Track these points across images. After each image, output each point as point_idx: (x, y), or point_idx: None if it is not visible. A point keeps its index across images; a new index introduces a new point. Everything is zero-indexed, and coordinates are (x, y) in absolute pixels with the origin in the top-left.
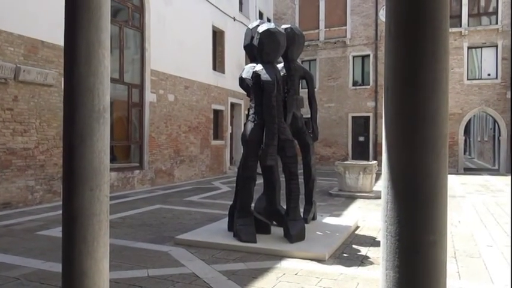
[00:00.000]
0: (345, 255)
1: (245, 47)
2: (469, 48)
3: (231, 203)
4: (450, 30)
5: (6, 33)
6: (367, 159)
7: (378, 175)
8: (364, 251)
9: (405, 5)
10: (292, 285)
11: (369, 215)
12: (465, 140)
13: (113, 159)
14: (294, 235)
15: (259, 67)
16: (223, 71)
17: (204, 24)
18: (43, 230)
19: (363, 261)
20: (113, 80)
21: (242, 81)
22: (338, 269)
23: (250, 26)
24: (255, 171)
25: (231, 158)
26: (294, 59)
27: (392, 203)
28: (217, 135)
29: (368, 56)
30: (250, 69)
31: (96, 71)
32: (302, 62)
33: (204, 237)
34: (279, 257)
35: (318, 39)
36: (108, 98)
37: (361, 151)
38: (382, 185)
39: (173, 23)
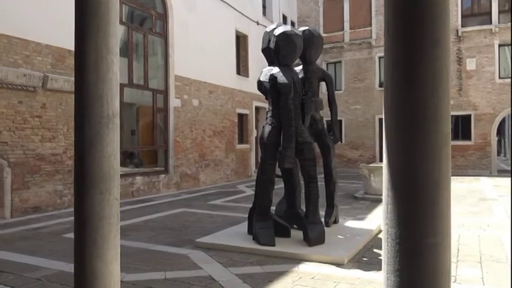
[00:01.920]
0: (364, 259)
1: (263, 50)
2: (500, 45)
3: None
4: (481, 28)
5: (35, 43)
6: None
7: None
8: None
9: (404, 0)
10: None
11: None
12: (500, 141)
13: (139, 163)
14: (312, 238)
15: (275, 70)
16: (247, 75)
17: (227, 29)
18: (68, 233)
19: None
20: (138, 86)
21: (260, 85)
22: (356, 273)
23: (268, 29)
24: (273, 174)
25: (257, 161)
26: (313, 61)
27: (392, 204)
28: (242, 139)
29: None
30: (267, 72)
31: (105, 77)
32: (327, 64)
33: (223, 240)
34: (297, 260)
35: (343, 41)
36: (117, 104)
37: None
38: (383, 186)
39: (196, 29)
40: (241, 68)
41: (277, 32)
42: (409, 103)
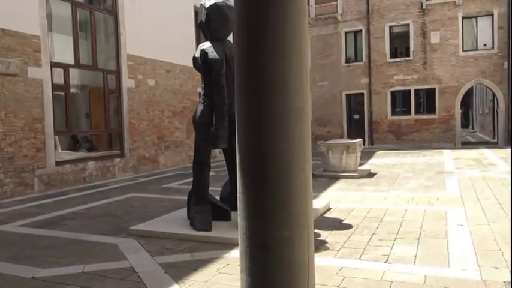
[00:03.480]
0: None
1: (199, 25)
2: (463, 18)
3: (222, 186)
4: (444, 0)
5: None
6: (363, 136)
7: (364, 153)
8: (324, 235)
9: None
10: (229, 278)
11: (346, 196)
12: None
13: (91, 148)
14: None
15: (207, 45)
16: None
17: (185, 4)
18: (1, 225)
19: (318, 246)
20: (85, 67)
21: (195, 61)
22: None
23: (202, 1)
24: (208, 156)
25: None
26: None
27: (242, 193)
28: None
29: (360, 31)
30: (200, 47)
31: None
32: None
33: (158, 227)
34: (232, 245)
35: (309, 16)
36: None
37: (356, 129)
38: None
39: (150, 5)
40: None
41: (207, 3)
42: (254, 74)
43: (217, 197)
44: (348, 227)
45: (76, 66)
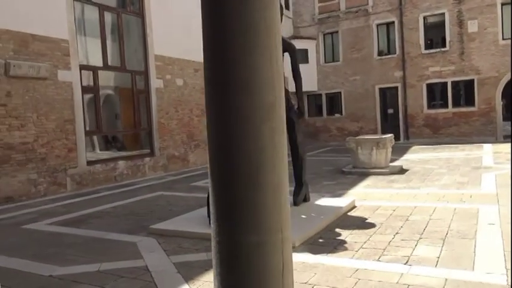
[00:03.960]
0: (320, 240)
1: None
2: (502, 4)
3: None
4: None
5: None
6: (398, 131)
7: (398, 149)
8: (345, 235)
9: None
10: None
11: (374, 193)
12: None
13: (121, 147)
14: None
15: None
16: None
17: None
18: (30, 224)
19: (337, 247)
20: (114, 69)
21: None
22: (303, 257)
23: None
24: None
25: None
26: None
27: (213, 194)
28: None
29: (393, 23)
30: None
31: None
32: (324, 34)
33: (177, 225)
34: None
35: (339, 10)
36: None
37: (391, 124)
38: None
39: (176, 5)
40: None
41: None
42: (218, 68)
43: None
44: (371, 226)
45: (105, 68)
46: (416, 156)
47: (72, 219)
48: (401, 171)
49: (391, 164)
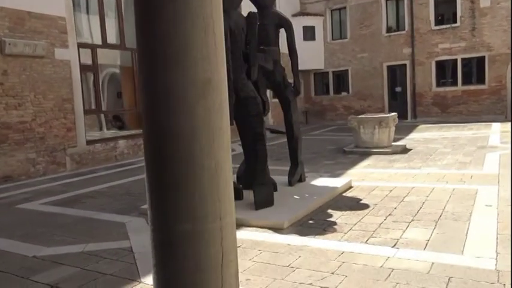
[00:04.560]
0: (310, 222)
1: None
2: None
3: (238, 166)
4: None
5: None
6: (405, 110)
7: (405, 127)
8: (336, 216)
9: None
10: None
11: (373, 173)
12: None
13: (122, 126)
14: (258, 201)
15: None
16: None
17: None
18: (24, 203)
19: (326, 228)
20: (113, 47)
21: None
22: (290, 239)
23: None
24: None
25: None
26: (267, 5)
27: (148, 179)
28: None
29: None
30: None
31: None
32: (331, 10)
33: None
34: (237, 226)
35: None
36: None
37: (398, 103)
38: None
39: None
40: None
41: None
42: (148, 41)
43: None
44: (364, 207)
45: (104, 46)
46: (421, 135)
47: (67, 199)
48: (404, 150)
49: (394, 143)
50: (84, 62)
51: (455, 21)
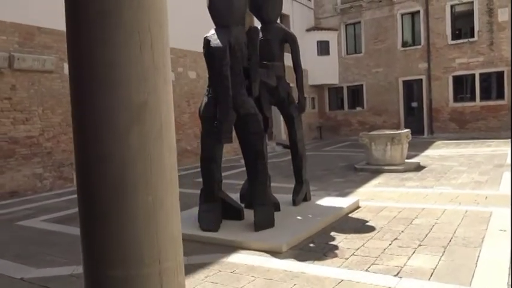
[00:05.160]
0: (311, 245)
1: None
2: None
3: (243, 182)
4: None
5: None
6: (421, 126)
7: (420, 144)
8: (339, 239)
9: None
10: (214, 287)
11: (383, 193)
12: None
13: None
14: (257, 222)
15: (211, 32)
16: None
17: None
18: (24, 220)
19: (326, 253)
20: None
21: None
22: (287, 264)
23: None
24: (215, 151)
25: (271, 133)
26: (272, 19)
27: (81, 215)
28: None
29: (418, 12)
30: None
31: None
32: (346, 25)
33: None
34: (234, 248)
35: None
36: None
37: (415, 118)
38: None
39: None
40: None
41: None
42: (77, 60)
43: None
44: (370, 229)
45: None
46: (437, 152)
47: (68, 216)
48: (418, 168)
49: (408, 160)
50: None
51: (472, 36)
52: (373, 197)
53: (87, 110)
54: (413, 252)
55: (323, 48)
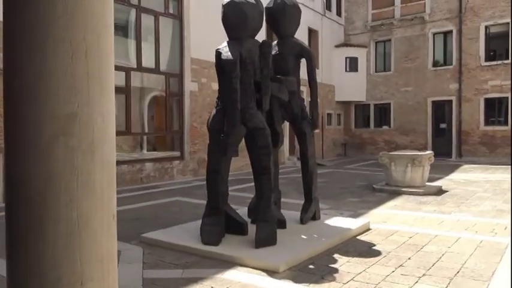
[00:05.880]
0: (311, 266)
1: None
2: None
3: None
4: None
5: None
6: (450, 148)
7: (447, 167)
8: (341, 262)
9: None
10: None
11: (397, 216)
12: None
13: (151, 149)
14: (258, 239)
15: (223, 44)
16: None
17: None
18: None
19: (324, 276)
20: (147, 70)
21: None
22: (282, 285)
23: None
24: (221, 164)
25: (291, 147)
26: (288, 34)
27: (6, 235)
28: None
29: (451, 32)
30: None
31: None
32: (376, 42)
33: (169, 236)
34: (231, 264)
35: (393, 17)
36: None
37: (443, 140)
38: None
39: (216, 8)
40: None
41: (225, 0)
42: (8, 69)
43: None
44: (375, 254)
45: (138, 70)
46: (463, 176)
47: None
48: (439, 192)
49: (429, 183)
50: (117, 84)
51: (507, 58)
52: (386, 220)
53: (12, 122)
54: (416, 282)
55: (352, 64)
